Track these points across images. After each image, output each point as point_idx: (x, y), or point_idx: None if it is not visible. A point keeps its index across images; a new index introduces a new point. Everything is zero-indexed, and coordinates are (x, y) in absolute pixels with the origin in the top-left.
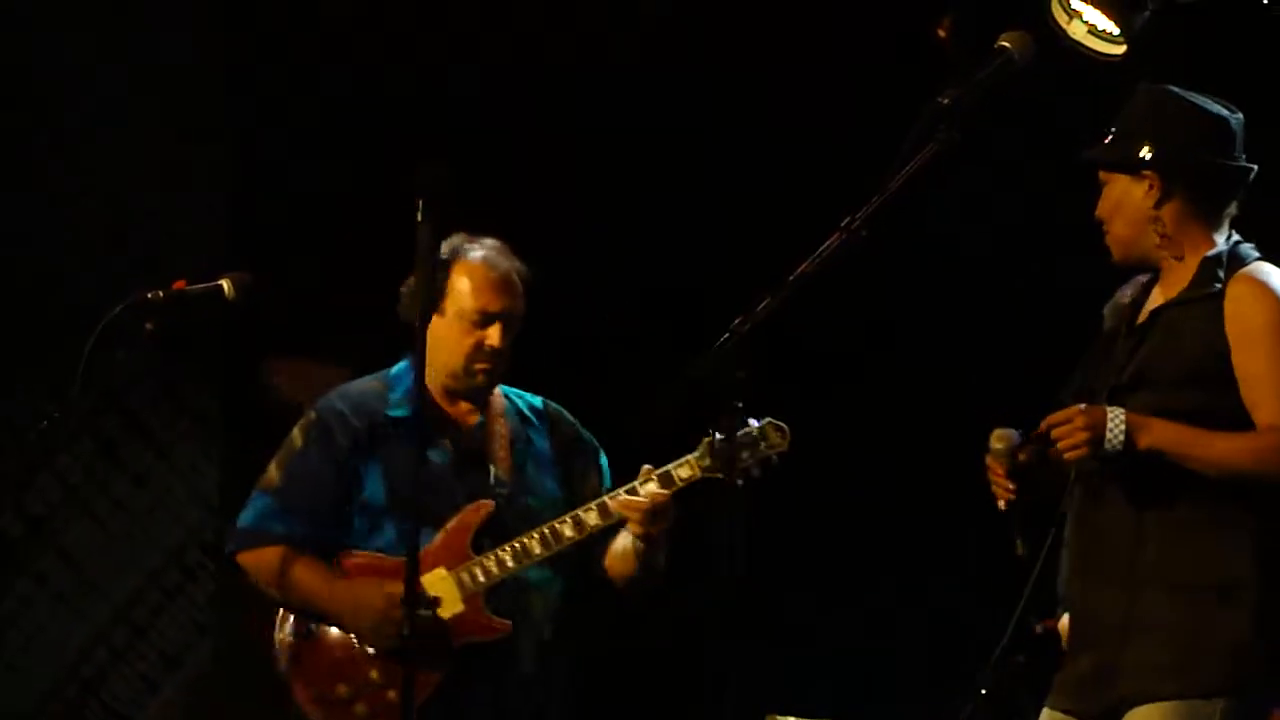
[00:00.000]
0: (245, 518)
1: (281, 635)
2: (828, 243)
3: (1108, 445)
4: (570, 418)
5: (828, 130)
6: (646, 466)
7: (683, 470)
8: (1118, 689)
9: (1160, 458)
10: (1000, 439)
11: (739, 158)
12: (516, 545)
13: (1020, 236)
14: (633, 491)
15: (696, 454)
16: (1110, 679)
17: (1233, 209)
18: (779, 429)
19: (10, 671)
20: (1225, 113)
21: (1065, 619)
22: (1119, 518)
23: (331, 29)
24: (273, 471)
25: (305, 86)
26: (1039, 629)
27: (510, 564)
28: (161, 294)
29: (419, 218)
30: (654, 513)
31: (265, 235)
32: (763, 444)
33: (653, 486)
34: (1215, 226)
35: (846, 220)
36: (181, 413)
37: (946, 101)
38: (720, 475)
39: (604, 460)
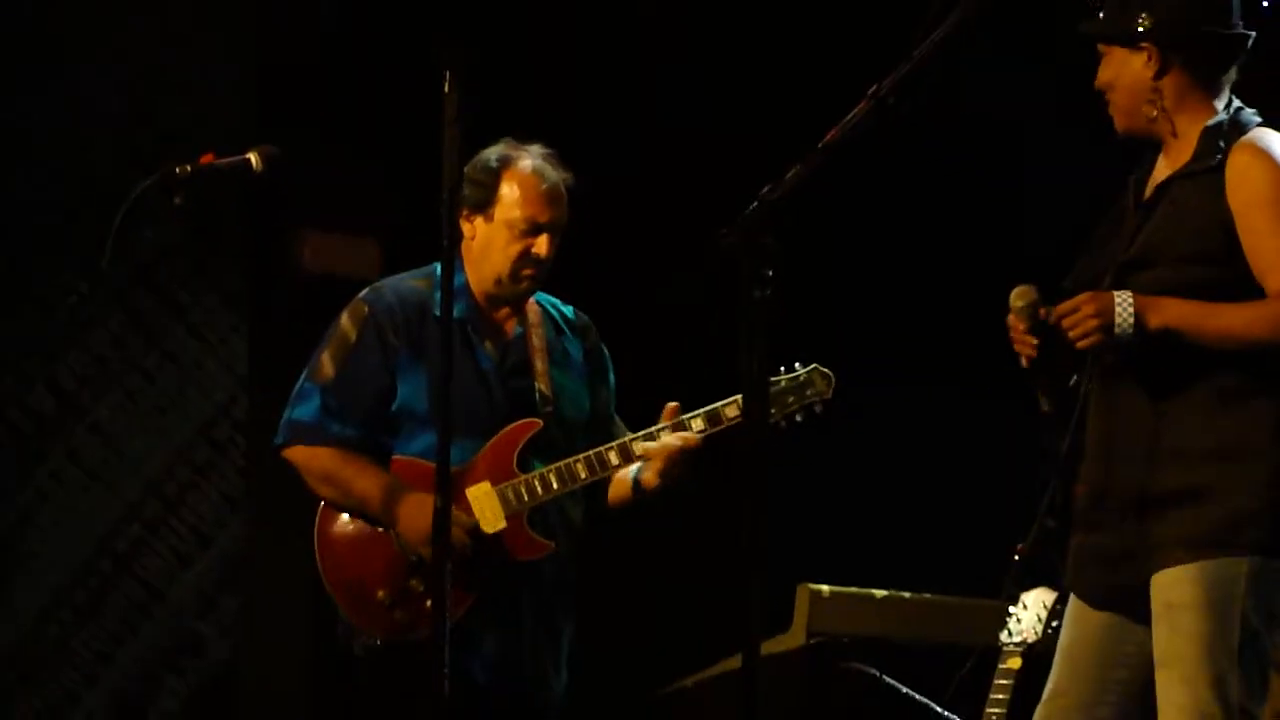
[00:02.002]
0: (301, 412)
1: (324, 533)
2: (855, 111)
3: (1118, 329)
4: (594, 329)
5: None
6: (672, 404)
7: (730, 409)
8: (1140, 565)
9: (1173, 336)
10: (1021, 296)
11: (765, 27)
12: (562, 468)
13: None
14: (681, 427)
15: (739, 398)
16: (1134, 556)
17: (1233, 75)
18: (825, 376)
19: (44, 545)
20: None
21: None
22: (1134, 397)
23: None
24: (326, 364)
25: None
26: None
27: (555, 486)
28: (189, 168)
29: (446, 89)
30: (682, 460)
31: (292, 108)
32: (809, 390)
33: (700, 423)
34: (1215, 94)
35: (873, 89)
36: (210, 287)
37: None
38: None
39: (612, 378)
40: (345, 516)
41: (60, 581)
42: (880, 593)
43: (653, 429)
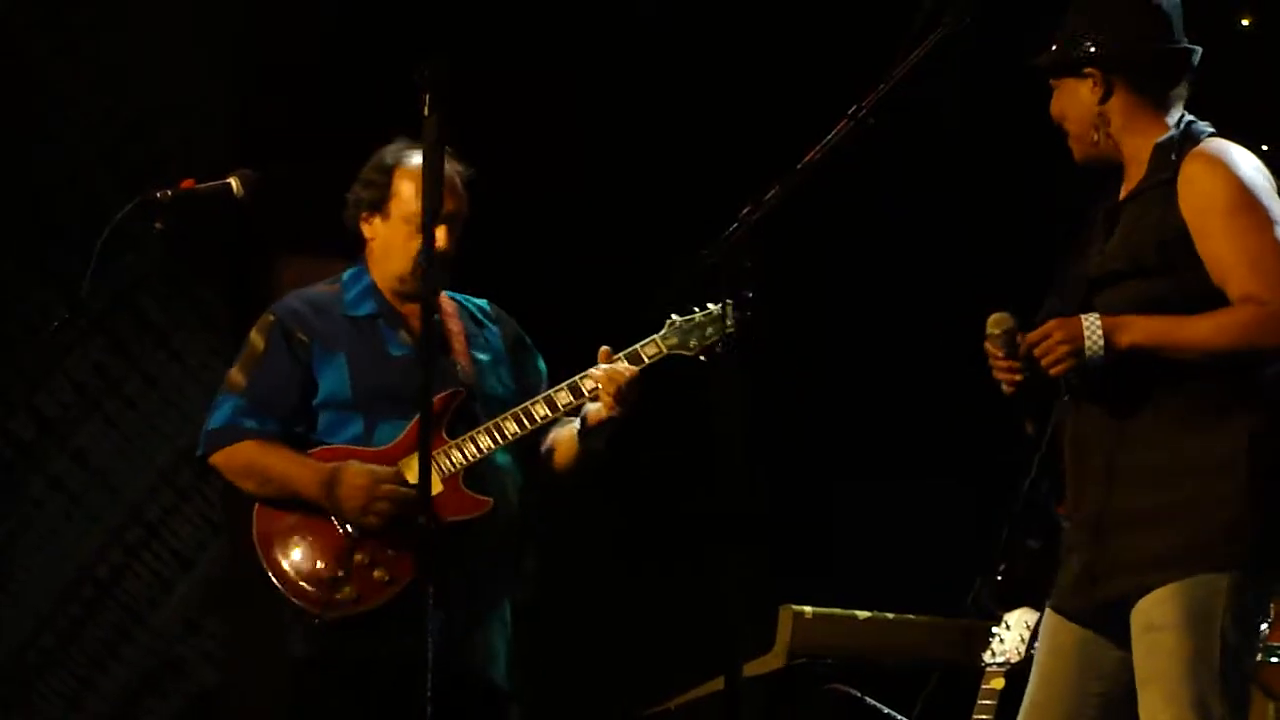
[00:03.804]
0: (215, 420)
1: (260, 529)
2: (835, 131)
3: (1089, 352)
4: (510, 318)
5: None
6: (605, 348)
7: (649, 348)
8: (1114, 585)
9: (1143, 353)
10: (997, 323)
11: (748, 46)
12: (491, 426)
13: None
14: (635, 358)
15: (661, 333)
16: (1102, 575)
17: (1182, 90)
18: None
19: (26, 573)
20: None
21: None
22: (1101, 418)
23: None
24: (236, 375)
25: None
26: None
27: (486, 444)
28: (170, 193)
29: (425, 112)
30: (628, 386)
31: (273, 133)
32: (726, 321)
33: (622, 365)
34: (1166, 111)
35: (853, 109)
36: (191, 311)
37: None
38: (685, 353)
39: (541, 362)
40: (278, 510)
41: (43, 607)
42: (862, 614)
43: (576, 378)
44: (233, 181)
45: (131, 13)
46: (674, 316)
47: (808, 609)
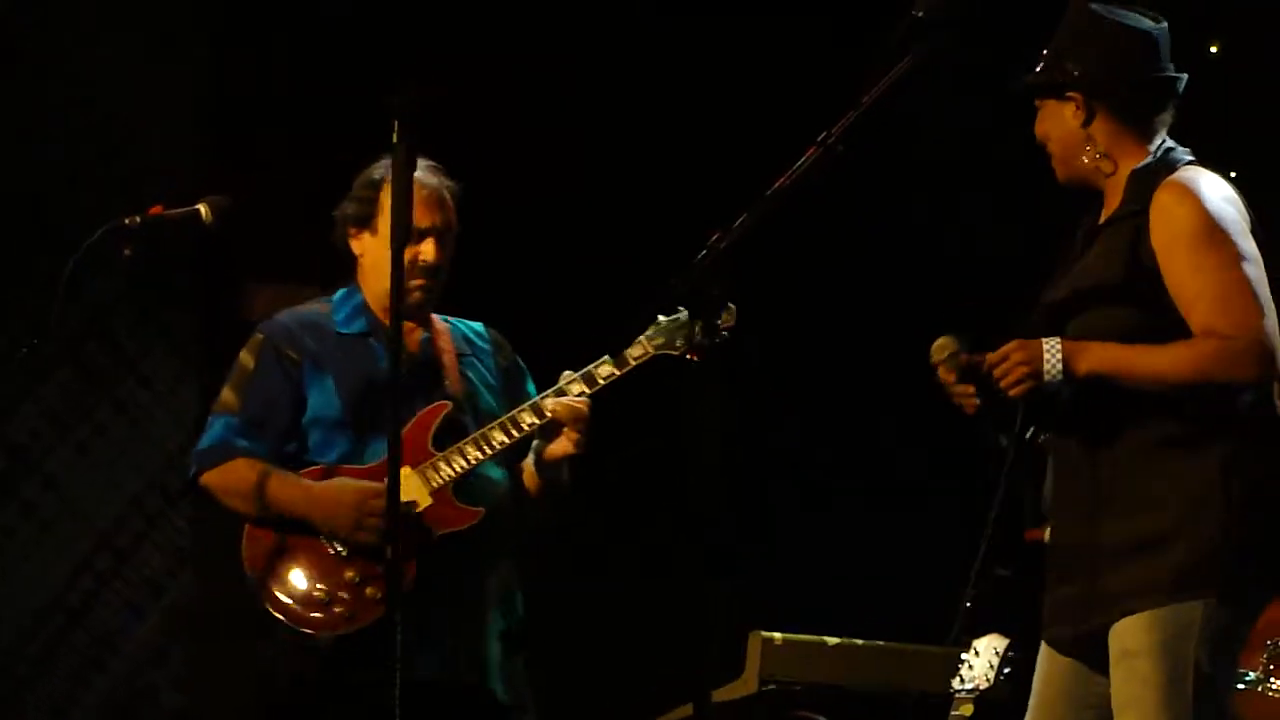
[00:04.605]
0: (206, 440)
1: (250, 551)
2: (804, 158)
3: (1047, 376)
4: (507, 343)
5: (805, 45)
6: (567, 372)
7: (634, 350)
8: (1097, 616)
9: (1101, 380)
10: (940, 349)
11: (716, 74)
12: (478, 437)
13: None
14: (591, 380)
15: (647, 333)
16: (1086, 606)
17: (1166, 117)
18: (725, 306)
19: None
20: (1149, 25)
21: (1048, 530)
22: (1079, 448)
23: None
24: (228, 395)
25: (284, 6)
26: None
27: (474, 454)
28: (139, 219)
29: (394, 139)
30: (576, 419)
31: (242, 159)
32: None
33: (607, 369)
34: (1148, 138)
35: (823, 136)
36: (160, 338)
37: (920, 14)
38: (673, 352)
39: (531, 385)
40: (268, 530)
41: (13, 635)
42: (832, 640)
43: (561, 383)
44: (202, 208)
45: (97, 39)
46: (660, 317)
47: (777, 635)
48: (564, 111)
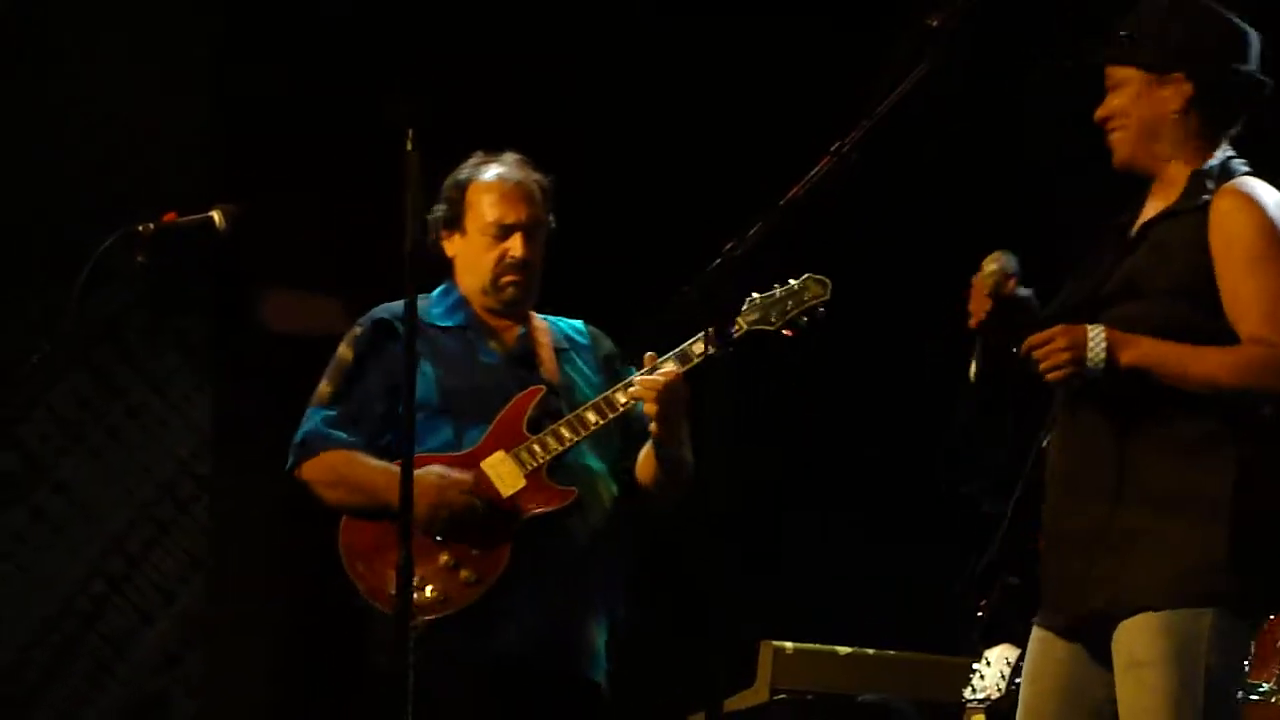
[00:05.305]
0: (302, 432)
1: (346, 540)
2: (818, 168)
3: (1089, 363)
4: (605, 336)
5: (818, 53)
6: (650, 354)
7: (696, 346)
8: (1100, 600)
9: (1142, 374)
10: (994, 259)
11: (730, 81)
12: (572, 418)
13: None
14: (685, 357)
15: (742, 310)
16: (1090, 590)
17: (1238, 125)
18: (820, 281)
19: (8, 605)
20: (1246, 26)
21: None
22: (1101, 435)
23: None
24: (324, 388)
25: (292, 11)
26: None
27: (568, 435)
28: (152, 226)
29: (408, 146)
30: (666, 391)
31: (255, 166)
32: (807, 295)
33: (700, 346)
34: (1217, 142)
35: (836, 145)
36: (173, 344)
37: (934, 23)
38: (767, 328)
39: (634, 371)
40: (363, 522)
41: (25, 641)
42: (844, 649)
43: (659, 360)
44: (215, 214)
45: (106, 45)
46: (754, 294)
47: (789, 644)
48: (569, 119)
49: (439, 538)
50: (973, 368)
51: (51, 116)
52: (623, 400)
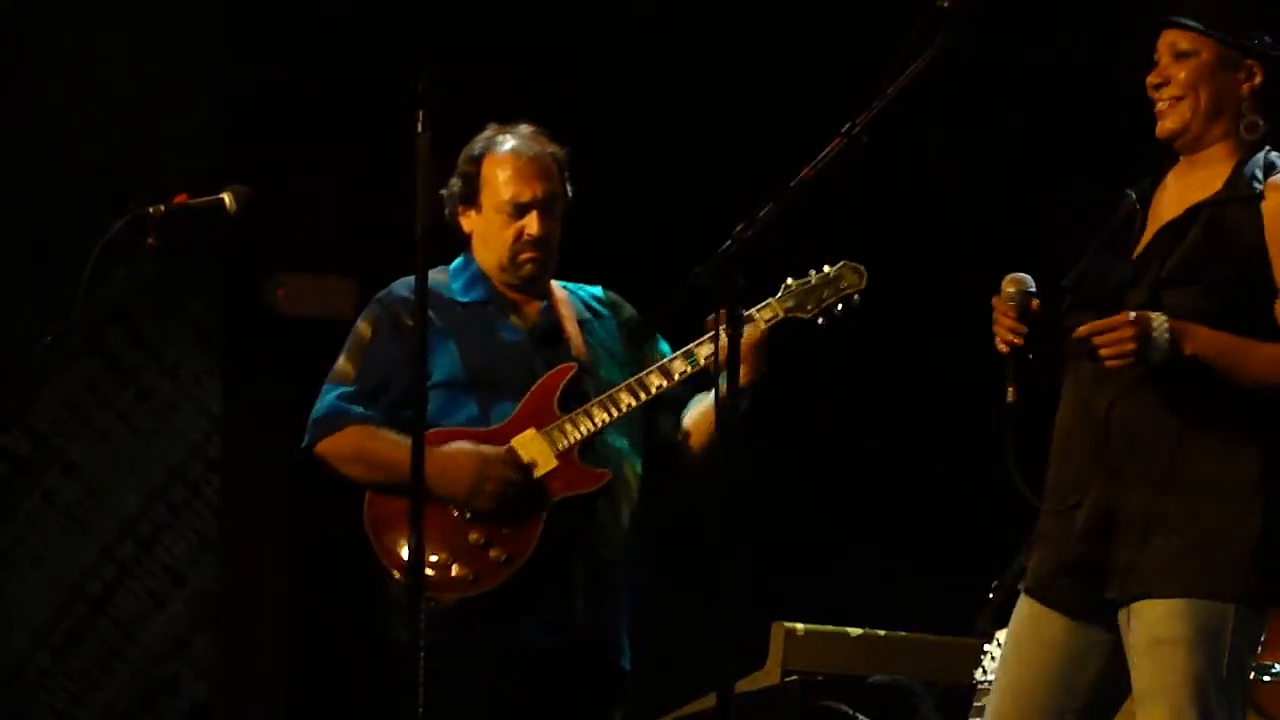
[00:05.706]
0: (319, 409)
1: (371, 515)
2: (828, 149)
3: (1155, 353)
4: (625, 302)
5: (831, 34)
6: (711, 317)
7: (765, 313)
8: (1133, 583)
9: (1201, 365)
10: (1013, 282)
11: (742, 63)
12: (605, 399)
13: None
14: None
15: (778, 296)
16: (1112, 574)
17: (1272, 121)
18: (855, 269)
19: (20, 589)
20: None
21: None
22: (1152, 419)
23: None
24: (344, 364)
25: (291, 11)
26: None
27: (600, 416)
28: (163, 208)
29: (419, 129)
30: (755, 347)
31: (265, 147)
32: (842, 284)
33: (706, 349)
34: (1265, 133)
35: (847, 126)
36: (184, 327)
37: (945, 4)
38: (803, 315)
39: (664, 345)
40: (387, 497)
41: (36, 624)
42: (855, 631)
43: (691, 345)
44: (225, 197)
45: (116, 30)
46: (789, 280)
47: (800, 626)
48: (579, 107)
49: (469, 515)
50: (1010, 391)
51: (51, 116)
52: (656, 383)
